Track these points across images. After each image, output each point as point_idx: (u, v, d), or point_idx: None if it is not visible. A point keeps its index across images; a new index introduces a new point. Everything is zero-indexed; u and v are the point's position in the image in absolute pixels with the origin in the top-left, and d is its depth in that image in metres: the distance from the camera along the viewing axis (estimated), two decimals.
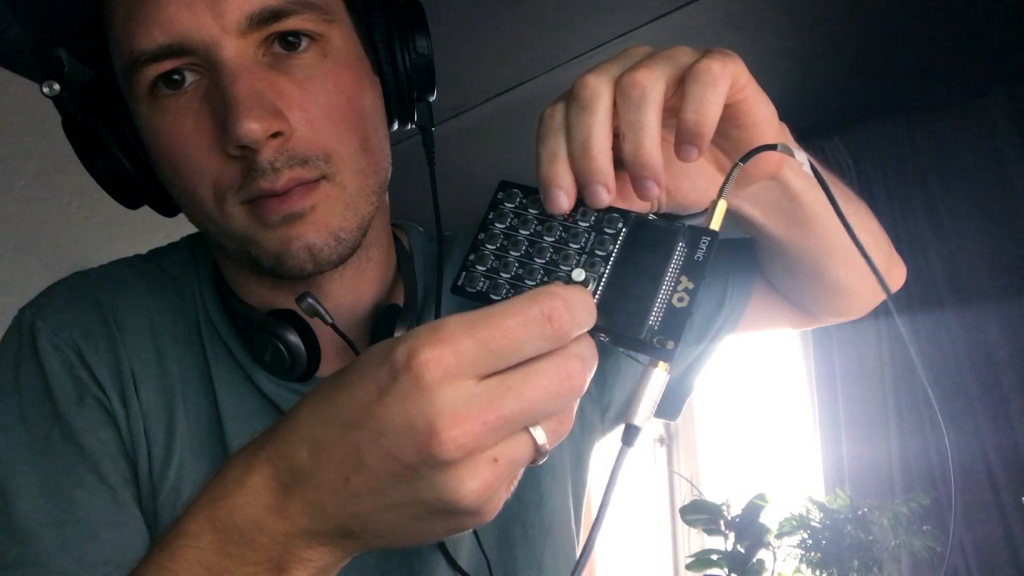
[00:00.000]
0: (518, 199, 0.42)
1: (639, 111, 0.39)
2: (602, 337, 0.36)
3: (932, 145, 2.04)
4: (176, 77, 0.50)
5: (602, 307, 0.36)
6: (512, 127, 2.11)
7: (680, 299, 0.36)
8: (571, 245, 0.39)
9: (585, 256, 0.39)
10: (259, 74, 0.49)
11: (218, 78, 0.49)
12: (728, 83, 0.39)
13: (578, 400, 0.34)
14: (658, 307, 0.36)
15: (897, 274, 0.67)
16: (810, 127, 2.13)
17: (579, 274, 0.38)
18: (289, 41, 0.51)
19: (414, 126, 0.63)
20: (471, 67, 1.90)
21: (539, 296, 0.32)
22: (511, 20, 1.74)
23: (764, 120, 0.42)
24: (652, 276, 0.37)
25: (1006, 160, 1.95)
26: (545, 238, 0.40)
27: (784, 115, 0.45)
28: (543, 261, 0.39)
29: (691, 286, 0.36)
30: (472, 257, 0.41)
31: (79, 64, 0.58)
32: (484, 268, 0.40)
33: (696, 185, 0.47)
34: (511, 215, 0.41)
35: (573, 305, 0.33)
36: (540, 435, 0.33)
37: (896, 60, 1.91)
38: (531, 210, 0.41)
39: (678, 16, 1.73)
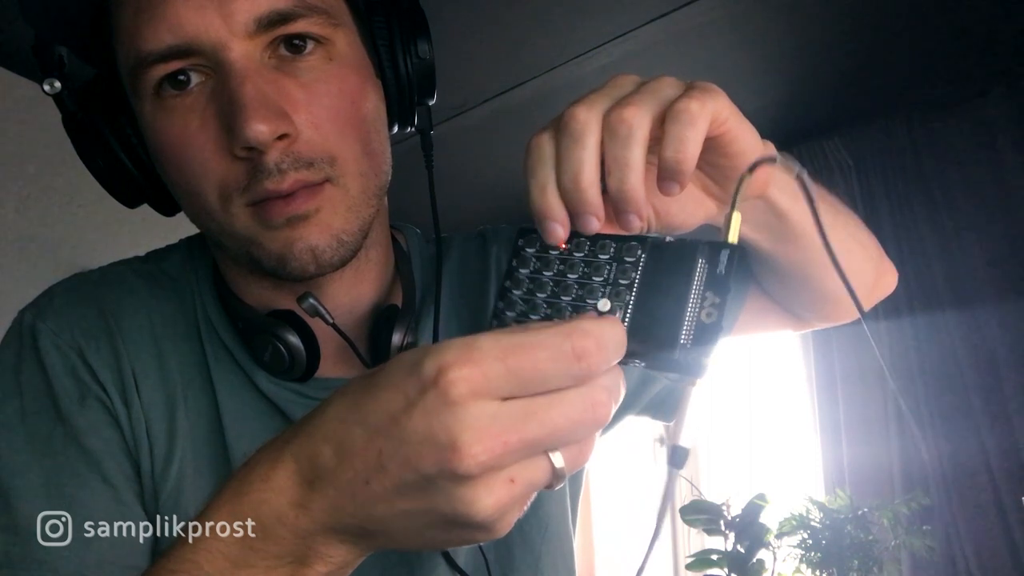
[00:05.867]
0: (538, 243, 0.43)
1: (625, 148, 0.40)
2: (636, 363, 0.37)
3: (932, 145, 2.05)
4: (182, 78, 0.50)
5: (633, 334, 0.36)
6: (512, 127, 2.11)
7: (708, 314, 0.36)
8: (594, 279, 0.40)
9: (610, 287, 0.39)
10: (266, 76, 0.50)
11: (225, 79, 0.49)
12: (707, 120, 0.40)
13: (600, 430, 0.35)
14: (688, 325, 0.36)
15: (888, 280, 0.69)
16: (810, 127, 2.13)
17: (605, 304, 0.38)
18: (295, 44, 0.51)
19: (413, 129, 0.63)
20: (471, 67, 1.90)
21: (573, 333, 0.33)
22: (511, 20, 1.74)
23: (747, 149, 0.43)
24: (678, 296, 0.37)
25: (1005, 160, 1.95)
26: (569, 276, 0.41)
27: (784, 115, 0.45)
28: (569, 298, 0.40)
29: (718, 300, 0.36)
30: (500, 304, 0.42)
31: (80, 62, 0.58)
32: (514, 313, 0.41)
33: (684, 208, 0.48)
34: (533, 259, 0.42)
35: (605, 345, 0.33)
36: (559, 460, 0.34)
37: (896, 60, 1.91)
38: (552, 251, 0.42)
39: (678, 16, 1.74)
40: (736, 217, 0.39)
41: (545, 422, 0.32)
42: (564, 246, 0.42)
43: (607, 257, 0.40)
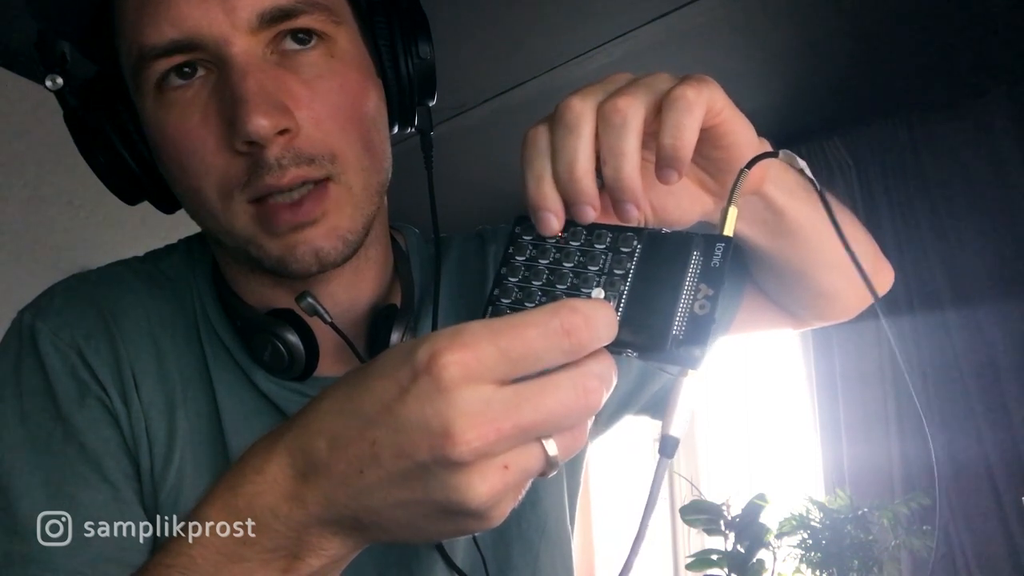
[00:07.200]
0: (535, 231, 0.43)
1: (620, 138, 0.40)
2: (629, 353, 0.37)
3: (932, 145, 2.05)
4: (187, 69, 0.50)
5: (626, 323, 0.37)
6: (512, 127, 2.10)
7: (702, 306, 0.36)
8: (590, 268, 0.40)
9: (604, 276, 0.40)
10: (268, 72, 0.50)
11: (227, 74, 0.49)
12: (703, 109, 0.40)
13: (593, 417, 0.35)
14: (680, 317, 0.36)
15: (884, 278, 0.69)
16: (810, 127, 2.13)
17: (599, 293, 0.39)
18: (300, 38, 0.51)
19: (413, 129, 0.63)
20: (471, 67, 1.90)
21: (560, 309, 0.33)
22: (511, 20, 1.74)
23: (742, 141, 0.43)
24: (672, 287, 0.37)
25: (1005, 160, 1.95)
26: (564, 264, 0.41)
27: (784, 115, 0.45)
28: (564, 287, 0.40)
29: (711, 293, 0.37)
30: (496, 291, 0.42)
31: (82, 60, 0.58)
32: (509, 300, 0.41)
33: (680, 203, 0.48)
34: (530, 247, 0.43)
35: (593, 320, 0.33)
36: (552, 447, 0.34)
37: (896, 60, 1.91)
38: (548, 240, 0.42)
39: (678, 16, 1.74)
40: (733, 211, 0.40)
41: (538, 407, 0.32)
42: (561, 234, 0.42)
43: (603, 247, 0.41)
